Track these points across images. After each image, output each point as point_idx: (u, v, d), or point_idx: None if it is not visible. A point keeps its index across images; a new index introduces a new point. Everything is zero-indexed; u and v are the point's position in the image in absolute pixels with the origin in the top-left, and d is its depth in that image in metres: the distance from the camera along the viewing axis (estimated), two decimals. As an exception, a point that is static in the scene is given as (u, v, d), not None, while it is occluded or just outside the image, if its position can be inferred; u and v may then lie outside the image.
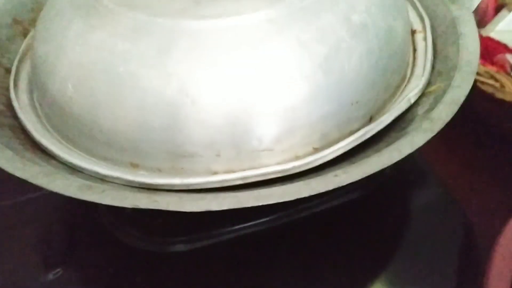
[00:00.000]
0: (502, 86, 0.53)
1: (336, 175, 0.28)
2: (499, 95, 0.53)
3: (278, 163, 0.31)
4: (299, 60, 0.30)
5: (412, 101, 0.34)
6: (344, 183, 0.28)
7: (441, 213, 0.43)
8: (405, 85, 0.36)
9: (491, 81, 0.54)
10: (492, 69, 0.55)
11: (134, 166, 0.31)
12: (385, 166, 0.29)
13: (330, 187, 0.28)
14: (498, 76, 0.54)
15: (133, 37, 0.30)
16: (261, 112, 0.29)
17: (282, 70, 0.30)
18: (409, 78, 0.37)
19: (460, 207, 0.43)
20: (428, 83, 0.37)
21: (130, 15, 0.31)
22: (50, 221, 0.43)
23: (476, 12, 0.64)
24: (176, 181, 0.29)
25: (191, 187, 0.29)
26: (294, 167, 0.30)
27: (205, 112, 0.29)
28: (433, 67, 0.38)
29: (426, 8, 0.43)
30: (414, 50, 0.39)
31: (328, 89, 0.30)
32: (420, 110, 0.34)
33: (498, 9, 0.65)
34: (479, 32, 0.59)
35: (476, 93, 0.53)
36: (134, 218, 0.40)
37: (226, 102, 0.29)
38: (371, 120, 0.33)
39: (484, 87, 0.54)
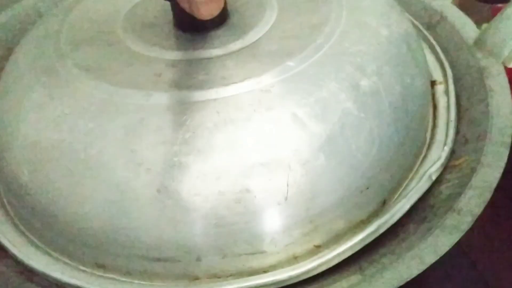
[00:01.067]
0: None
1: (341, 294, 0.23)
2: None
3: (272, 266, 0.25)
4: (295, 142, 0.25)
5: (434, 178, 0.29)
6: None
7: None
8: (424, 155, 0.31)
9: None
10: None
11: (100, 266, 0.26)
12: (402, 282, 0.23)
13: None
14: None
15: (96, 114, 0.26)
16: (249, 208, 0.24)
17: (275, 156, 0.24)
18: (429, 145, 0.31)
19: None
20: (452, 152, 0.31)
21: (95, 85, 0.27)
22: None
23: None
24: None
25: None
26: (290, 277, 0.25)
27: (182, 210, 0.24)
28: (457, 130, 0.32)
29: (446, 53, 0.37)
30: (434, 106, 0.34)
31: (332, 176, 0.25)
32: (444, 191, 0.29)
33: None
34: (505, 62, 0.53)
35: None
36: None
37: (207, 198, 0.24)
38: (384, 204, 0.28)
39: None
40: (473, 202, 0.26)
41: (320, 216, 0.25)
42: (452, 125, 0.32)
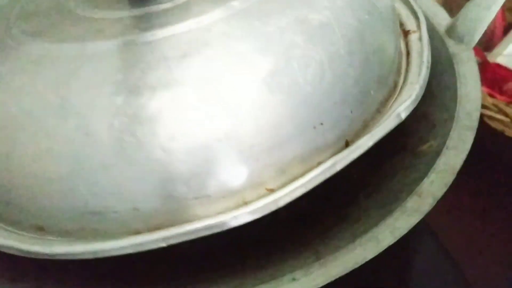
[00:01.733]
0: (513, 121, 0.46)
1: (294, 279, 0.22)
2: (509, 132, 0.47)
3: (220, 214, 0.23)
4: (235, 76, 0.23)
5: (403, 116, 0.26)
6: (304, 291, 0.21)
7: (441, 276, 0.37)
8: (395, 98, 0.28)
9: (500, 116, 0.47)
10: (501, 100, 0.48)
11: (39, 229, 0.24)
12: (357, 265, 0.22)
13: (286, 297, 0.21)
14: (508, 110, 0.47)
15: (31, 70, 0.25)
16: (187, 148, 0.22)
17: (214, 91, 0.23)
18: (401, 89, 0.29)
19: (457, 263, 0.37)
20: (420, 138, 0.30)
21: (35, 45, 0.26)
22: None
23: (483, 34, 0.57)
24: (78, 248, 0.22)
25: (98, 255, 0.22)
26: (233, 218, 0.22)
27: (109, 153, 0.22)
28: (426, 116, 0.32)
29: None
30: (408, 54, 0.32)
31: (277, 109, 0.23)
32: (409, 175, 0.28)
33: (506, 29, 0.58)
34: (486, 57, 0.53)
35: (483, 131, 0.47)
36: None
37: (141, 141, 0.22)
38: (347, 146, 0.26)
39: (492, 123, 0.47)
40: (435, 185, 0.25)
41: (268, 154, 0.23)
42: (425, 65, 0.29)
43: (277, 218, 0.32)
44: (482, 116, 0.47)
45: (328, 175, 0.24)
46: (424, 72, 0.29)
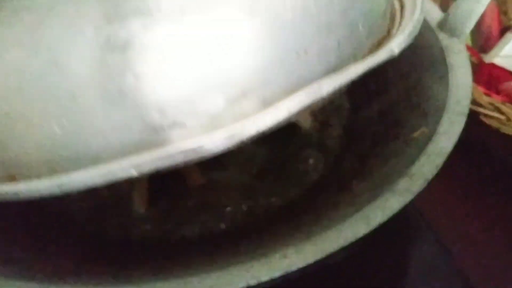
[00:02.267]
0: (509, 119, 0.46)
1: (285, 256, 0.22)
2: (505, 129, 0.47)
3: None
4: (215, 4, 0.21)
5: (396, 51, 0.25)
6: (295, 267, 0.22)
7: (439, 277, 0.36)
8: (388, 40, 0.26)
9: (496, 114, 0.47)
10: (496, 99, 0.48)
11: (11, 178, 0.23)
12: (348, 242, 0.22)
13: (276, 272, 0.21)
14: (504, 108, 0.47)
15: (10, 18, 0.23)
16: (158, 74, 0.20)
17: (189, 18, 0.21)
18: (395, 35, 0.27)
19: (460, 270, 0.36)
20: (412, 126, 0.31)
21: None
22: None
23: (479, 36, 0.58)
24: (43, 183, 0.21)
25: (65, 188, 0.20)
26: (210, 142, 0.20)
27: (81, 84, 0.20)
28: (418, 106, 0.32)
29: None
30: (402, 7, 0.30)
31: (256, 34, 0.21)
32: (400, 161, 0.28)
33: (503, 32, 0.59)
34: (482, 58, 0.53)
35: (479, 128, 0.47)
36: None
37: (108, 67, 0.20)
38: None
39: (488, 121, 0.47)
40: (426, 167, 0.26)
41: (248, 81, 0.21)
42: (419, 8, 0.28)
43: (272, 207, 0.33)
44: (478, 114, 0.47)
45: (312, 98, 0.21)
46: (418, 15, 0.27)
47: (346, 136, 0.37)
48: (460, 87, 0.31)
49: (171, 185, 0.34)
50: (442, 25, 0.36)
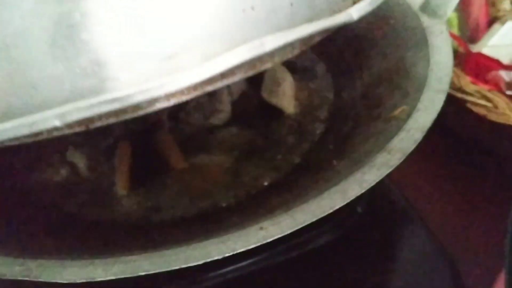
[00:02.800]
0: (496, 106, 0.46)
1: (261, 228, 0.22)
2: (492, 116, 0.47)
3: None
4: None
5: (355, 16, 0.23)
6: (270, 238, 0.22)
7: (424, 256, 0.36)
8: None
9: (483, 102, 0.47)
10: (484, 88, 0.48)
11: None
12: (325, 213, 0.22)
13: (252, 243, 0.21)
14: (490, 95, 0.47)
15: None
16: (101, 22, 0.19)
17: None
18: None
19: (443, 248, 0.36)
20: (393, 105, 0.31)
21: None
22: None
23: (467, 27, 0.58)
24: None
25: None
26: (138, 92, 0.19)
27: (26, 18, 0.19)
28: (399, 87, 0.32)
29: (394, 20, 0.37)
30: None
31: None
32: (380, 138, 0.28)
33: (490, 23, 0.59)
34: (470, 49, 0.53)
35: (467, 115, 0.47)
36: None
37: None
38: None
39: (475, 109, 0.47)
40: (404, 141, 0.26)
41: (188, 36, 0.20)
42: None
43: (255, 188, 0.33)
44: (465, 102, 0.47)
45: (254, 53, 0.20)
46: None
47: (330, 119, 0.37)
48: (441, 66, 0.31)
49: (154, 168, 0.34)
50: (424, 8, 0.36)
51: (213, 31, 0.20)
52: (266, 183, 0.33)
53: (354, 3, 0.25)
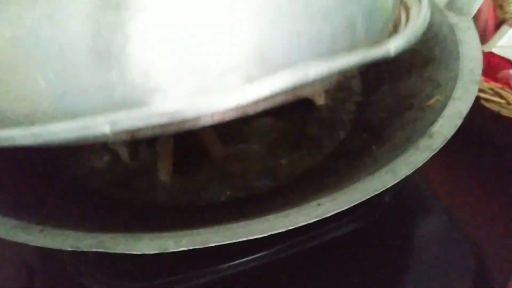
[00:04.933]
0: (509, 103, 0.49)
1: (319, 204, 0.23)
2: (505, 112, 0.49)
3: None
4: None
5: (392, 52, 0.24)
6: (329, 213, 0.23)
7: (448, 244, 0.38)
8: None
9: (496, 98, 0.49)
10: (497, 85, 0.51)
11: None
12: (378, 191, 0.24)
13: (312, 218, 0.23)
14: (503, 92, 0.49)
15: None
16: (146, 37, 0.20)
17: None
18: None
19: (467, 236, 0.38)
20: (426, 96, 0.32)
21: None
22: (8, 267, 0.37)
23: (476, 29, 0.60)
24: (17, 132, 0.21)
25: (40, 139, 0.20)
26: (189, 108, 0.20)
27: (72, 37, 0.20)
28: (431, 79, 0.34)
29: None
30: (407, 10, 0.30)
31: (250, 11, 0.20)
32: (418, 125, 0.30)
33: (498, 25, 0.61)
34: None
35: (480, 112, 0.49)
36: (99, 261, 0.35)
37: (101, 25, 0.20)
38: None
39: (489, 105, 0.50)
40: (444, 127, 0.27)
41: (236, 57, 0.20)
42: (425, 6, 0.28)
43: (293, 174, 0.34)
44: (479, 99, 0.49)
45: (297, 80, 0.21)
46: (422, 19, 0.27)
47: (360, 110, 0.39)
48: (472, 59, 0.32)
49: (195, 156, 0.36)
50: (449, 6, 0.38)
51: (258, 53, 0.21)
52: (303, 170, 0.34)
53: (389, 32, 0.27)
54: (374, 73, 0.41)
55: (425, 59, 0.36)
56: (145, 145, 0.36)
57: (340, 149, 0.35)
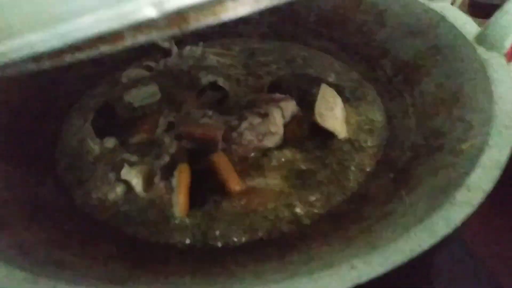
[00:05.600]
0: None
1: (352, 267, 0.22)
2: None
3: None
4: None
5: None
6: (365, 278, 0.21)
7: (464, 268, 0.37)
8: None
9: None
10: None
11: None
12: (414, 253, 0.22)
13: (347, 283, 0.21)
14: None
15: None
16: None
17: None
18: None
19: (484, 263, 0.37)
20: (458, 138, 0.31)
21: None
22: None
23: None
24: None
25: None
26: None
27: None
28: (461, 119, 0.32)
29: (450, 48, 0.37)
30: None
31: None
32: (452, 173, 0.28)
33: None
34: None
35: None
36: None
37: None
38: None
39: None
40: (483, 179, 0.26)
41: None
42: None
43: (313, 215, 0.33)
44: None
45: None
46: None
47: (383, 146, 0.37)
48: (506, 100, 0.31)
49: (210, 189, 0.34)
50: (480, 39, 0.36)
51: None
52: (324, 210, 0.33)
53: None
54: (398, 104, 0.40)
55: (453, 96, 0.35)
56: (159, 176, 0.35)
57: (365, 190, 0.34)
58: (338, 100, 0.39)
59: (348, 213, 0.32)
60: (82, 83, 0.45)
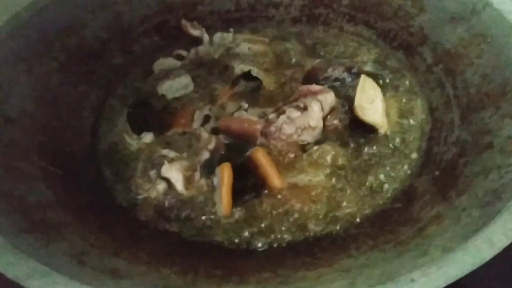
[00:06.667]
0: None
1: (413, 280, 0.22)
2: None
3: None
4: None
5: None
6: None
7: None
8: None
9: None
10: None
11: None
12: (475, 266, 0.22)
13: (406, 297, 0.21)
14: None
15: None
16: None
17: None
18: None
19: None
20: (508, 138, 0.30)
21: None
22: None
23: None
24: None
25: None
26: None
27: None
28: (510, 115, 0.31)
29: (495, 37, 0.36)
30: None
31: None
32: (505, 176, 0.27)
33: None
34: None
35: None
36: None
37: None
38: None
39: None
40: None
41: None
42: None
43: (357, 215, 0.32)
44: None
45: None
46: None
47: (426, 140, 0.36)
48: None
49: (252, 188, 0.34)
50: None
51: None
52: (370, 210, 0.32)
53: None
54: (439, 95, 0.39)
55: (500, 89, 0.34)
56: (199, 173, 0.35)
57: (408, 187, 0.33)
58: (378, 92, 0.38)
59: (395, 213, 0.31)
60: (113, 73, 0.45)
